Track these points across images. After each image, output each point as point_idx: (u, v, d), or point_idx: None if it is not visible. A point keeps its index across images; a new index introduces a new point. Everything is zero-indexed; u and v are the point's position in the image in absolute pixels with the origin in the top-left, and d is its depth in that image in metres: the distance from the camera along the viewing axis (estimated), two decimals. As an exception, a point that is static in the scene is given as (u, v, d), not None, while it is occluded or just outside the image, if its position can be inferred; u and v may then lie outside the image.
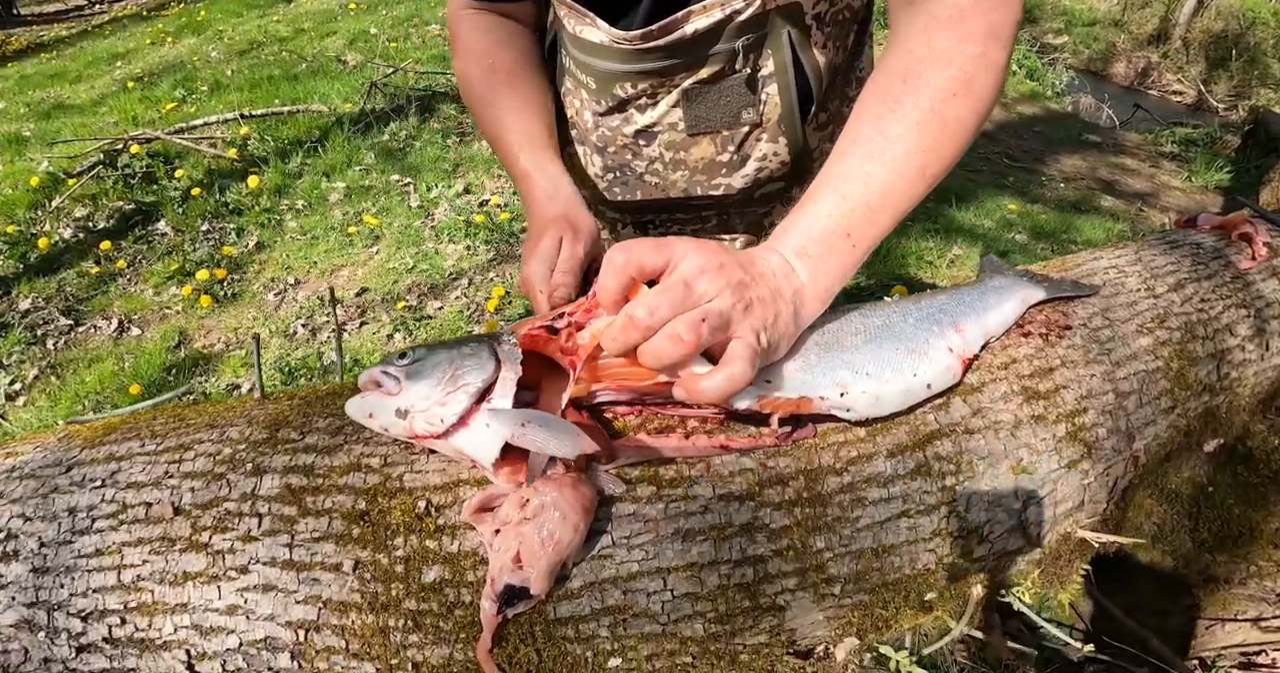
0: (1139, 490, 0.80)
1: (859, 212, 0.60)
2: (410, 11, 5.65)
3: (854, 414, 0.58)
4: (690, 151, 0.89)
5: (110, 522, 0.56)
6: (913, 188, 0.62)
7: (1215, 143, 4.88)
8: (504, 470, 0.52)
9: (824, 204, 0.61)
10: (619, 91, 0.85)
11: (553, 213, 0.78)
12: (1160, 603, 0.85)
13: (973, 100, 0.63)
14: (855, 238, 0.60)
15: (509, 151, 0.84)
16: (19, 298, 2.86)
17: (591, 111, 0.89)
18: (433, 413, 0.52)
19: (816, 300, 0.59)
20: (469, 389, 0.53)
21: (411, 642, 0.50)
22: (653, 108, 0.86)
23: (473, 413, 0.52)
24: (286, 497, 0.54)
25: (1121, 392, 0.69)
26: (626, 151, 0.91)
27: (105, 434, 0.65)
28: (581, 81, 0.88)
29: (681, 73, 0.82)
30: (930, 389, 0.62)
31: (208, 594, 0.53)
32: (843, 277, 0.61)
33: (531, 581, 0.48)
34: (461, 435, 0.52)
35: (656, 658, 0.52)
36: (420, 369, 0.55)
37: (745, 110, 0.85)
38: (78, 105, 4.49)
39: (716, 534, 0.53)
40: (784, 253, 0.59)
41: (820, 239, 0.60)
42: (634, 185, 0.95)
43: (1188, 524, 0.83)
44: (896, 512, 0.57)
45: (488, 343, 0.57)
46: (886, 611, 0.59)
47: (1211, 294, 0.80)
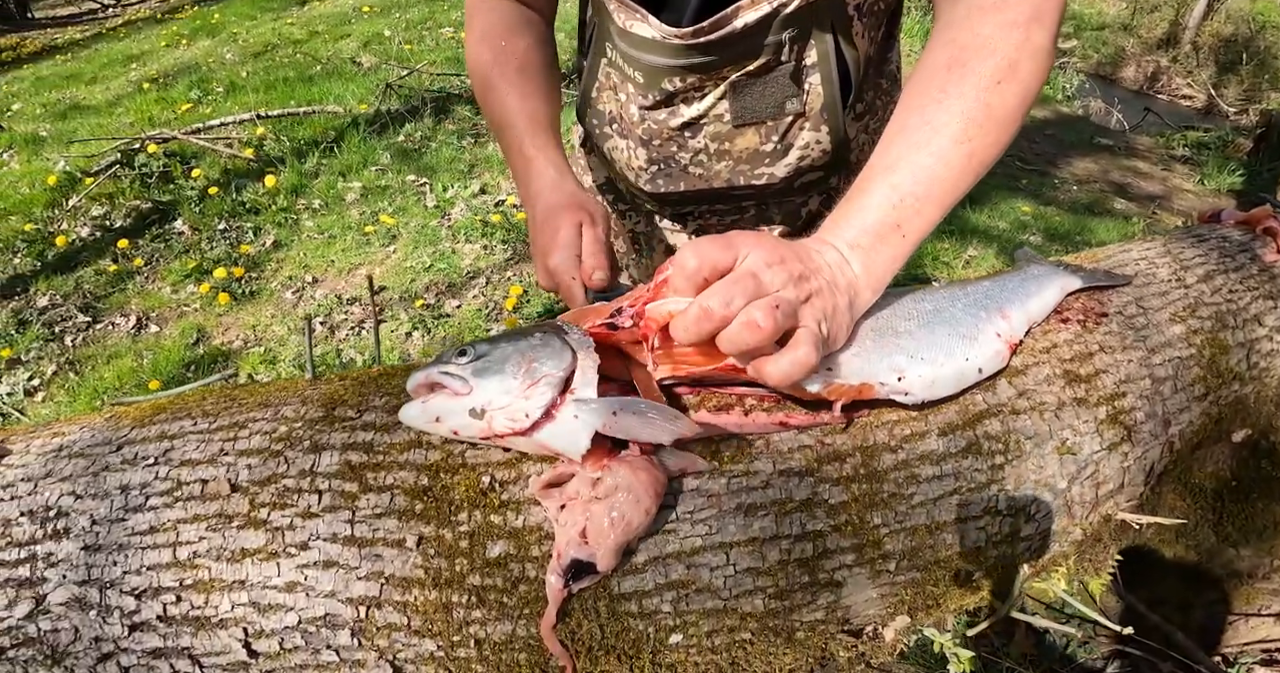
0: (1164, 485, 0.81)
1: (908, 202, 0.61)
2: (424, 14, 5.68)
3: (911, 398, 0.59)
4: (735, 142, 0.90)
5: (165, 499, 0.56)
6: (961, 177, 0.62)
7: (1227, 146, 4.87)
8: (590, 461, 0.51)
9: (874, 196, 0.61)
10: (667, 85, 0.86)
11: (561, 200, 0.78)
12: (1183, 597, 0.85)
13: (1018, 86, 0.63)
14: (905, 229, 0.61)
15: (513, 135, 0.84)
16: (37, 295, 2.88)
17: (638, 105, 0.90)
18: (515, 408, 0.50)
19: (869, 290, 0.60)
20: (551, 380, 0.51)
21: (474, 618, 0.50)
22: (699, 101, 0.87)
23: (557, 405, 0.51)
24: (346, 473, 0.54)
25: (1158, 377, 0.71)
26: (672, 144, 0.92)
27: (154, 414, 0.64)
28: (628, 75, 0.88)
29: (729, 66, 0.83)
30: (981, 373, 0.63)
31: (266, 571, 0.52)
32: (893, 267, 0.61)
33: (598, 557, 0.48)
34: (547, 430, 0.50)
35: (716, 634, 0.52)
36: (489, 365, 0.53)
37: (790, 101, 0.85)
38: (94, 106, 4.53)
39: (777, 509, 0.53)
40: (837, 246, 0.60)
41: (872, 231, 0.60)
42: (678, 177, 0.95)
43: (1211, 518, 0.83)
44: (949, 489, 0.58)
45: (554, 332, 0.55)
46: (937, 588, 0.60)
47: (1239, 285, 0.81)
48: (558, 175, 0.81)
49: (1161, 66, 7.27)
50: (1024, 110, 0.64)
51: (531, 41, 0.90)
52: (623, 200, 1.09)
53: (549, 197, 0.79)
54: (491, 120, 0.89)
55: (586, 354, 0.53)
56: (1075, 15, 7.84)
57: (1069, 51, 7.26)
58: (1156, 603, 0.83)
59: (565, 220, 0.76)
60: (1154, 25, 7.72)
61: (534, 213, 0.80)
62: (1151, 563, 0.84)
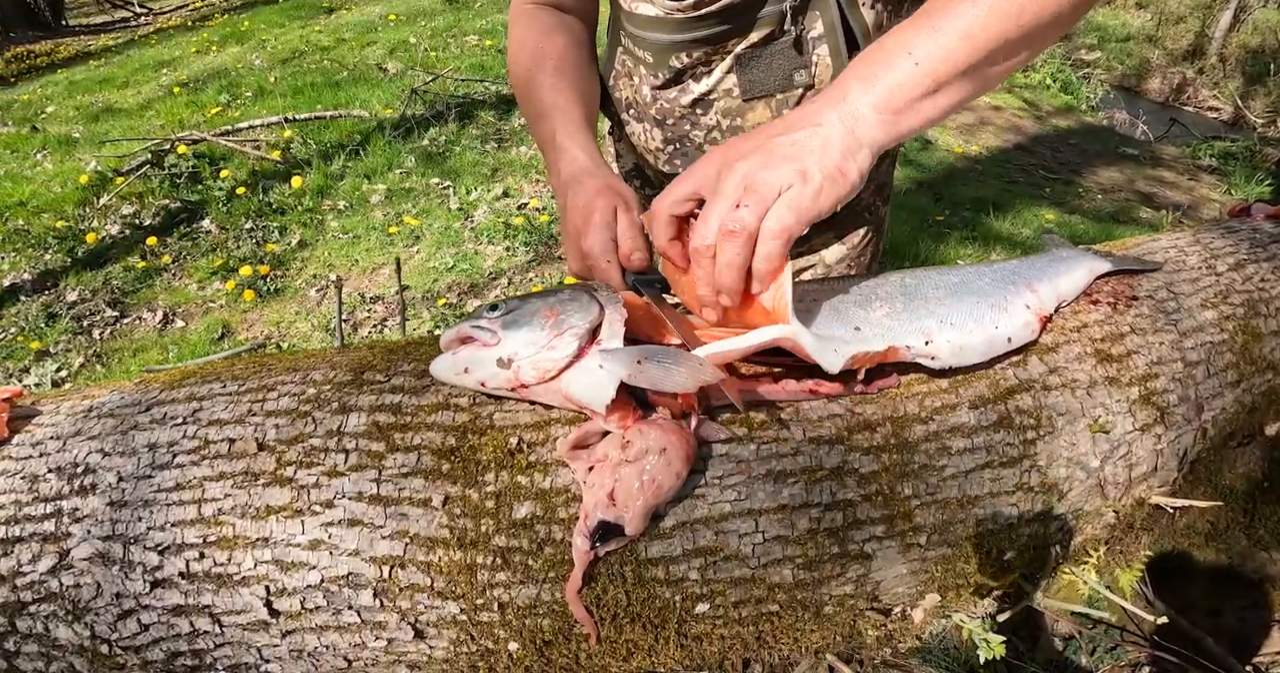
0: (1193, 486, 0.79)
1: (922, 32, 0.55)
2: (449, 23, 5.75)
3: (938, 362, 0.58)
4: (746, 117, 0.91)
5: (192, 457, 0.56)
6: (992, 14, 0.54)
7: (1255, 156, 4.80)
8: (614, 416, 0.51)
9: (889, 36, 0.57)
10: (675, 62, 0.88)
11: (595, 185, 0.78)
12: (1213, 603, 0.83)
13: None
14: (917, 56, 0.54)
15: (545, 126, 0.85)
16: (67, 290, 2.93)
17: (650, 85, 0.92)
18: (541, 358, 0.51)
19: (873, 109, 0.55)
20: (577, 331, 0.51)
21: (499, 580, 0.50)
22: (708, 76, 0.88)
23: (583, 355, 0.51)
24: (374, 433, 0.54)
25: (1190, 361, 0.70)
26: (685, 122, 0.93)
27: (183, 379, 0.65)
28: (639, 57, 0.91)
29: (733, 38, 0.84)
30: (1010, 343, 0.62)
31: (290, 529, 0.52)
32: (902, 93, 0.55)
33: (627, 520, 0.47)
34: (573, 379, 0.51)
35: (744, 605, 0.51)
36: (519, 318, 0.53)
37: (797, 72, 0.87)
38: (125, 109, 4.61)
39: (807, 477, 0.52)
40: (838, 86, 0.56)
41: (875, 61, 0.56)
42: (693, 156, 0.96)
43: (1243, 521, 0.81)
44: (980, 462, 0.57)
45: (584, 289, 0.56)
46: (969, 566, 0.59)
47: (1272, 275, 0.79)
48: (590, 162, 0.81)
49: (1187, 78, 7.19)
50: None
51: (568, 41, 0.91)
52: (650, 186, 1.11)
53: (582, 182, 0.79)
54: (528, 115, 0.90)
55: (615, 308, 0.53)
56: (1100, 27, 7.79)
57: (1093, 63, 7.21)
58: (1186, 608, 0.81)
59: (599, 204, 0.76)
60: (1179, 36, 7.65)
61: (565, 198, 0.80)
62: (1181, 567, 0.82)
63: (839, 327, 0.57)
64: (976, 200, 3.55)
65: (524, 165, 3.58)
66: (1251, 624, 0.81)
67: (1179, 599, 0.81)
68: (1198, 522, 0.80)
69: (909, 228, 3.15)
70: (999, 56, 0.57)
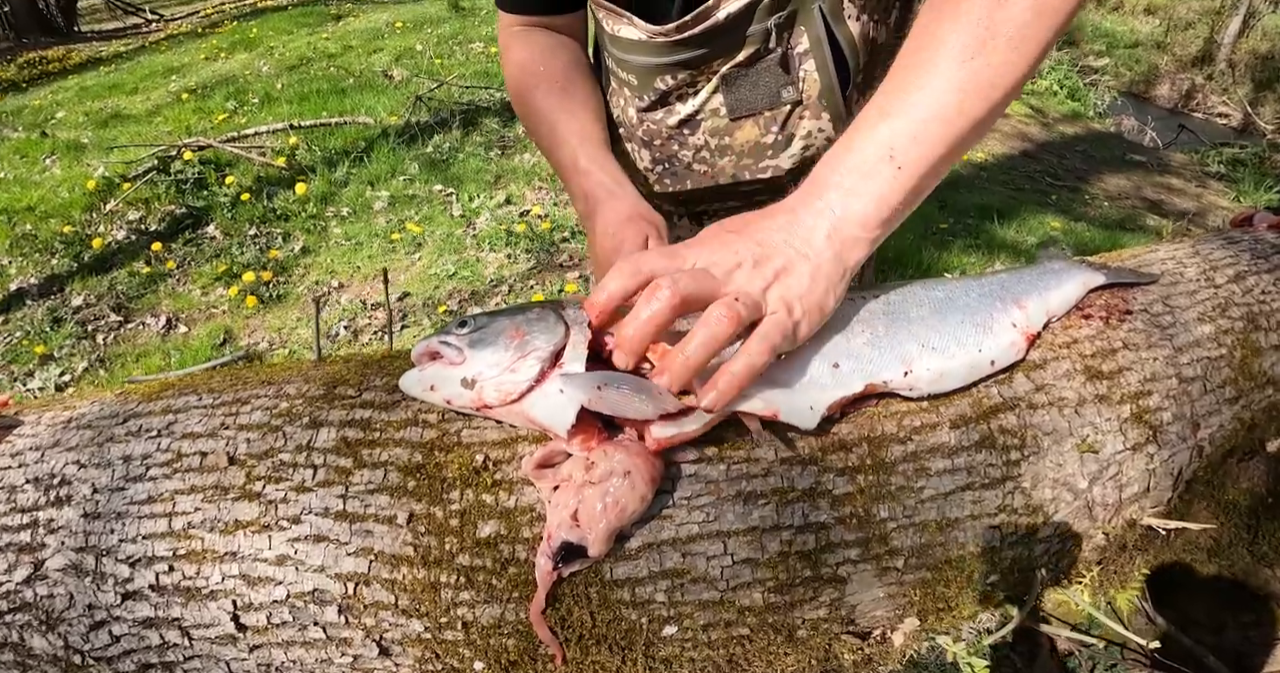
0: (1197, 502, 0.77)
1: (900, 131, 0.53)
2: (455, 29, 5.79)
3: (916, 392, 0.57)
4: (735, 136, 0.89)
5: (164, 470, 0.56)
6: (967, 99, 0.53)
7: (1264, 162, 4.77)
8: (577, 439, 0.50)
9: (862, 131, 0.55)
10: (659, 84, 0.86)
11: (625, 210, 0.75)
12: (1216, 620, 0.82)
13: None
14: (900, 160, 0.53)
15: (564, 152, 0.82)
16: (72, 294, 2.96)
17: (635, 108, 0.90)
18: (503, 380, 0.50)
19: (864, 229, 0.54)
20: (539, 354, 0.51)
21: (463, 599, 0.49)
22: (693, 97, 0.87)
23: (544, 378, 0.50)
24: (342, 449, 0.54)
25: (1185, 377, 0.68)
26: (673, 143, 0.92)
27: (162, 390, 0.65)
28: (624, 80, 0.89)
29: (718, 59, 0.83)
30: (994, 366, 0.61)
31: (258, 544, 0.52)
32: (888, 203, 0.54)
33: (590, 541, 0.46)
34: (534, 402, 0.50)
35: (713, 628, 0.50)
36: (484, 337, 0.53)
37: (784, 89, 0.85)
38: (134, 115, 4.66)
39: (779, 499, 0.51)
40: (823, 195, 0.54)
41: (855, 167, 0.54)
42: (683, 175, 0.95)
43: (1246, 537, 0.80)
44: (961, 484, 0.56)
45: (551, 308, 0.55)
46: (949, 590, 0.57)
47: (1273, 287, 0.77)
48: (615, 185, 0.78)
49: (1196, 84, 7.16)
50: (1043, 27, 0.54)
51: (568, 60, 0.90)
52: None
53: (611, 207, 0.76)
54: (541, 142, 0.87)
55: (580, 330, 0.52)
56: (1108, 33, 7.76)
57: (1101, 70, 7.18)
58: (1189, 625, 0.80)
59: (629, 233, 0.73)
60: (1188, 43, 7.62)
61: (594, 222, 0.77)
62: (1182, 583, 0.80)
63: (817, 365, 0.55)
64: (981, 208, 3.53)
65: (527, 172, 3.59)
66: (1255, 642, 0.80)
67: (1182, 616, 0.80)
68: (1200, 537, 0.79)
69: (912, 236, 3.14)
70: (970, 138, 0.56)
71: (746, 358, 0.48)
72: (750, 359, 0.48)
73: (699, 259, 0.52)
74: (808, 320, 0.52)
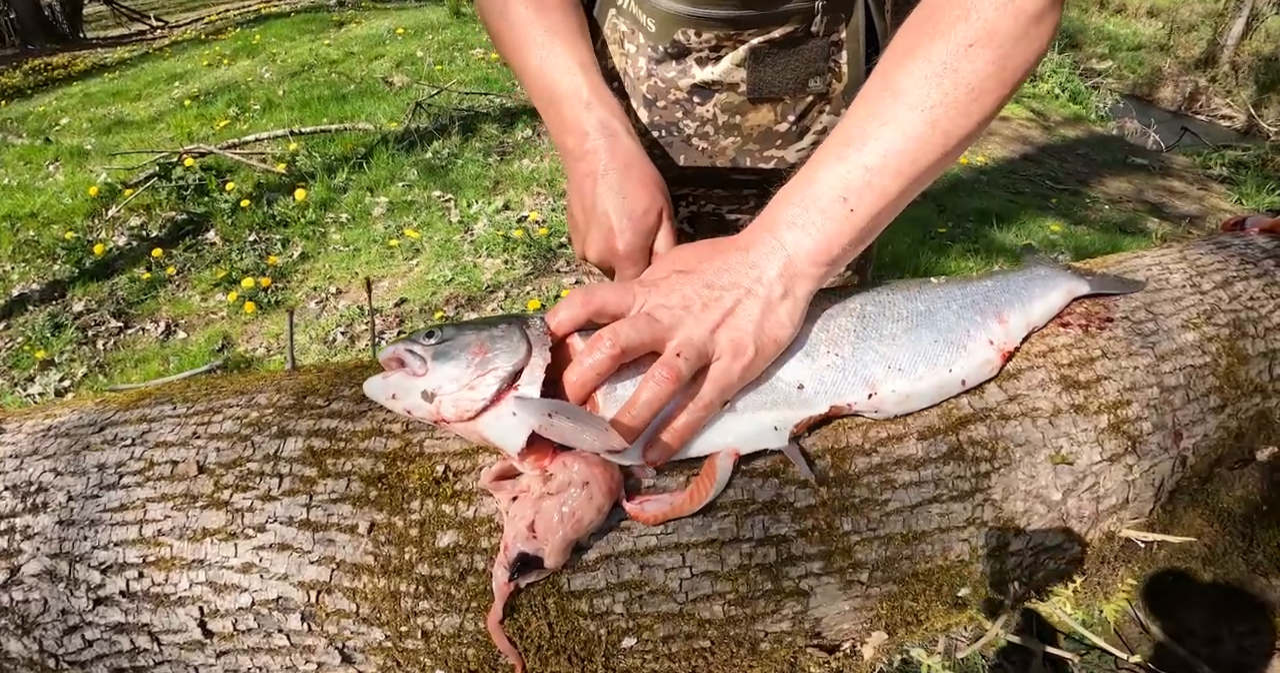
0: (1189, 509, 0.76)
1: (856, 173, 0.55)
2: (455, 36, 5.81)
3: (882, 414, 0.57)
4: (747, 117, 0.83)
5: (136, 478, 0.57)
6: (923, 147, 0.55)
7: (1266, 164, 4.74)
8: (529, 459, 0.50)
9: (819, 168, 0.56)
10: (680, 37, 0.79)
11: (636, 174, 0.69)
12: (1211, 629, 0.81)
13: (993, 52, 0.55)
14: (853, 202, 0.55)
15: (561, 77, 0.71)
16: (73, 300, 2.98)
17: (646, 57, 0.82)
18: (461, 396, 0.50)
19: (814, 265, 0.55)
20: (498, 373, 0.50)
21: (422, 609, 0.49)
22: (714, 64, 0.80)
23: (500, 399, 0.50)
24: (308, 458, 0.54)
25: (1167, 386, 0.66)
26: (678, 108, 0.84)
27: (140, 399, 0.66)
28: (640, 23, 0.81)
29: (752, 28, 0.76)
30: (964, 385, 0.60)
31: (224, 551, 0.52)
32: (840, 242, 0.55)
33: (546, 552, 0.46)
34: (488, 422, 0.50)
35: (673, 640, 0.50)
36: (448, 350, 0.53)
37: (814, 78, 0.80)
38: (137, 121, 4.69)
39: (738, 511, 0.51)
40: (774, 231, 0.56)
41: (811, 206, 0.55)
42: (679, 148, 0.87)
43: (1241, 546, 0.78)
44: (928, 496, 0.55)
45: (518, 325, 0.55)
46: (917, 603, 0.57)
47: (1262, 293, 0.76)
48: (625, 133, 0.70)
49: (1200, 87, 7.14)
50: (1004, 80, 0.57)
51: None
52: None
53: (619, 159, 0.69)
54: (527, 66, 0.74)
55: (540, 352, 0.52)
56: (1111, 36, 7.75)
57: (1103, 72, 7.16)
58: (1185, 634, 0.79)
59: (649, 200, 0.68)
60: (1191, 45, 7.60)
61: (594, 166, 0.69)
62: (1177, 592, 0.79)
63: (782, 386, 0.55)
64: (980, 212, 3.52)
65: (526, 178, 3.59)
66: (1251, 652, 0.79)
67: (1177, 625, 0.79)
68: (1194, 546, 0.78)
69: (910, 240, 3.13)
70: (924, 180, 0.57)
71: (687, 415, 0.50)
72: (691, 416, 0.50)
73: (648, 300, 0.53)
74: (761, 355, 0.53)
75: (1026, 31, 0.56)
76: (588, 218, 0.70)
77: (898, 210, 0.58)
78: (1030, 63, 0.58)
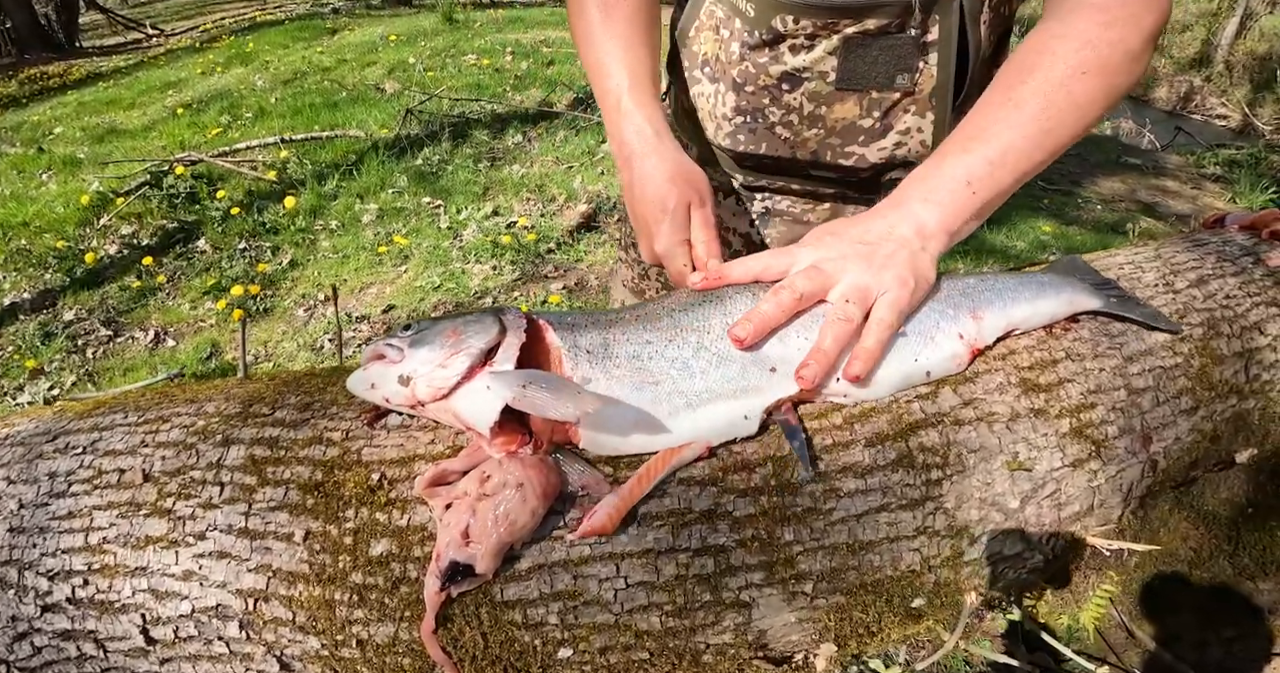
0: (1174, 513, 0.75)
1: (980, 165, 0.64)
2: (448, 42, 5.82)
3: (850, 399, 0.57)
4: (833, 108, 0.86)
5: (85, 486, 0.57)
6: (1034, 151, 0.66)
7: (1260, 163, 4.74)
8: (499, 439, 0.51)
9: (949, 158, 0.66)
10: (777, 24, 0.82)
11: (667, 170, 0.74)
12: (1199, 635, 0.79)
13: (1104, 81, 0.66)
14: (975, 186, 0.64)
15: (609, 84, 0.79)
16: (64, 309, 2.98)
17: (740, 42, 0.86)
18: (435, 375, 0.52)
19: (943, 232, 0.64)
20: (471, 351, 0.52)
21: (357, 617, 0.49)
22: (807, 51, 0.83)
23: (474, 375, 0.51)
24: (249, 467, 0.54)
25: (1135, 388, 0.65)
26: (765, 94, 0.87)
27: (95, 408, 0.66)
28: (739, 9, 0.85)
29: (848, 19, 0.80)
30: (929, 377, 0.60)
31: (166, 559, 0.53)
32: (962, 217, 0.65)
33: (478, 558, 0.46)
34: (461, 398, 0.51)
35: (610, 651, 0.49)
36: (423, 337, 0.55)
37: (901, 75, 0.82)
38: (130, 130, 4.70)
39: (675, 520, 0.50)
40: (905, 205, 0.65)
41: (941, 187, 0.65)
42: (762, 135, 0.90)
43: (1227, 549, 0.76)
44: (875, 505, 0.54)
45: (493, 312, 0.57)
46: (867, 615, 0.55)
47: (1238, 291, 0.75)
48: (656, 136, 0.76)
49: (1195, 86, 7.14)
50: (1107, 104, 0.68)
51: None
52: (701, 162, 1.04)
53: (652, 161, 0.75)
54: (589, 60, 0.83)
55: (515, 334, 0.53)
56: (1105, 37, 7.74)
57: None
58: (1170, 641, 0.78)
59: (673, 197, 0.73)
60: (1185, 45, 7.61)
61: (631, 175, 0.76)
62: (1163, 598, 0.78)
63: (754, 371, 0.56)
64: (971, 213, 3.51)
65: (515, 184, 3.59)
66: (1239, 657, 0.77)
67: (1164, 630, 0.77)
68: (1180, 550, 0.76)
69: (901, 242, 3.12)
70: (1030, 176, 0.68)
71: (874, 336, 0.58)
72: (877, 335, 0.58)
73: (811, 256, 0.62)
74: (920, 288, 0.61)
75: (1129, 66, 0.67)
76: (635, 222, 0.78)
77: (1005, 199, 0.68)
78: (1126, 90, 0.69)
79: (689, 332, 0.57)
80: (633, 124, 0.77)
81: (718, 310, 0.59)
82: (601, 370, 0.53)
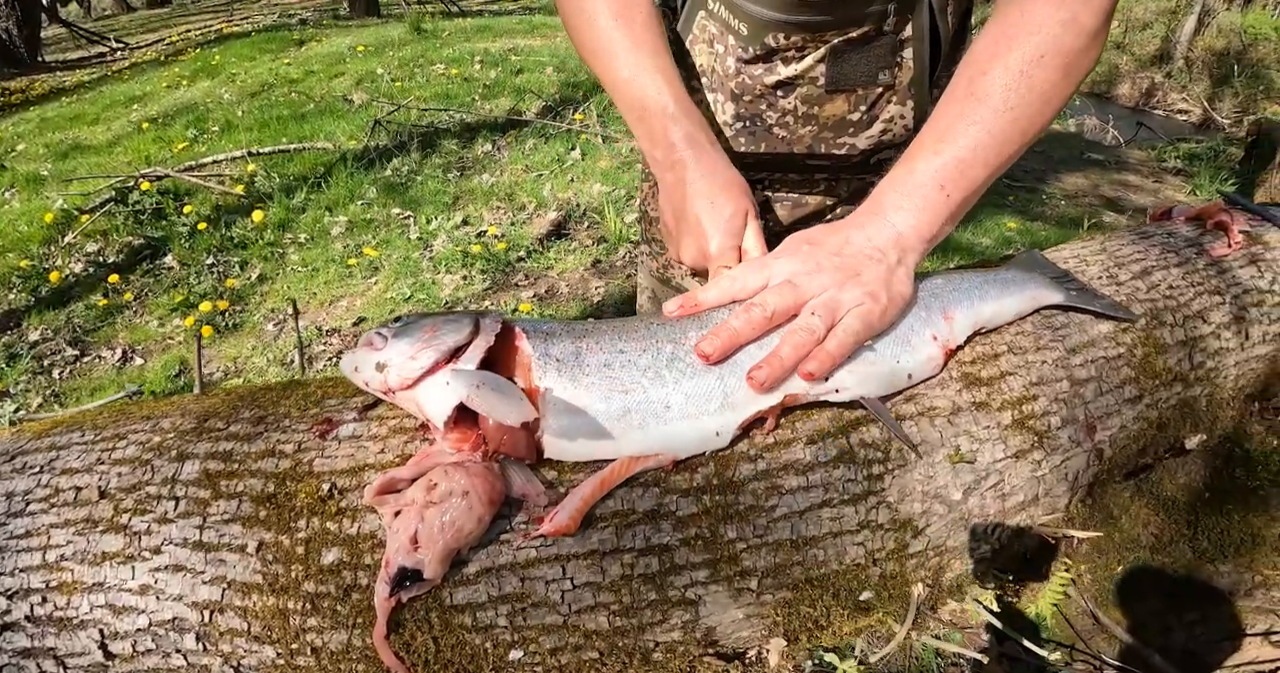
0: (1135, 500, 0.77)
1: (951, 165, 0.65)
2: (416, 52, 5.80)
3: (845, 394, 0.58)
4: (824, 107, 0.92)
5: (42, 505, 0.58)
6: (1003, 146, 0.66)
7: (1219, 156, 4.86)
8: (453, 435, 0.53)
9: (919, 161, 0.66)
10: (770, 41, 0.87)
11: (721, 178, 0.75)
12: (1162, 620, 0.81)
13: (1060, 60, 0.66)
14: (949, 188, 0.65)
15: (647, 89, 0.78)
16: (29, 329, 2.92)
17: (736, 57, 0.91)
18: (404, 365, 0.54)
19: (920, 241, 0.65)
20: (440, 347, 0.54)
21: (310, 626, 0.50)
22: (798, 61, 0.88)
23: (437, 369, 0.54)
24: (203, 481, 0.55)
25: (1078, 379, 0.67)
26: (762, 101, 0.93)
27: (52, 427, 0.66)
28: (731, 27, 0.89)
29: (833, 30, 0.85)
30: (911, 379, 0.61)
31: (122, 574, 0.53)
32: (939, 221, 0.65)
33: (426, 563, 0.47)
34: (424, 391, 0.53)
35: (561, 652, 0.50)
36: (407, 330, 0.57)
37: (883, 71, 0.88)
38: (94, 146, 4.63)
39: (619, 521, 0.52)
40: (881, 213, 0.65)
41: (915, 192, 0.65)
42: (761, 137, 0.96)
43: (1187, 533, 0.77)
44: (817, 501, 0.55)
45: (473, 316, 0.59)
46: (815, 609, 0.57)
47: (1181, 281, 0.77)
48: (710, 144, 0.77)
49: (1156, 83, 7.30)
50: (1068, 85, 0.68)
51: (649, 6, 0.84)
52: None
53: (706, 168, 0.75)
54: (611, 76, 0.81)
55: (485, 336, 0.56)
56: (1066, 36, 7.88)
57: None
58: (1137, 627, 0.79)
59: (731, 204, 0.74)
60: (1146, 42, 7.78)
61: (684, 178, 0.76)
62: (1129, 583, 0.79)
63: (731, 379, 0.56)
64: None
65: (485, 193, 3.59)
66: (1201, 640, 0.79)
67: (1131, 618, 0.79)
68: (1141, 535, 0.78)
69: (870, 242, 3.16)
70: (1002, 169, 0.68)
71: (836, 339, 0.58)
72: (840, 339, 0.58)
73: (785, 268, 0.63)
74: (892, 304, 0.61)
75: (1086, 45, 0.67)
76: (680, 224, 0.77)
77: (979, 196, 0.69)
78: (1086, 70, 0.69)
79: (664, 342, 0.58)
80: (682, 129, 0.77)
81: (694, 323, 0.60)
82: (570, 379, 0.54)
